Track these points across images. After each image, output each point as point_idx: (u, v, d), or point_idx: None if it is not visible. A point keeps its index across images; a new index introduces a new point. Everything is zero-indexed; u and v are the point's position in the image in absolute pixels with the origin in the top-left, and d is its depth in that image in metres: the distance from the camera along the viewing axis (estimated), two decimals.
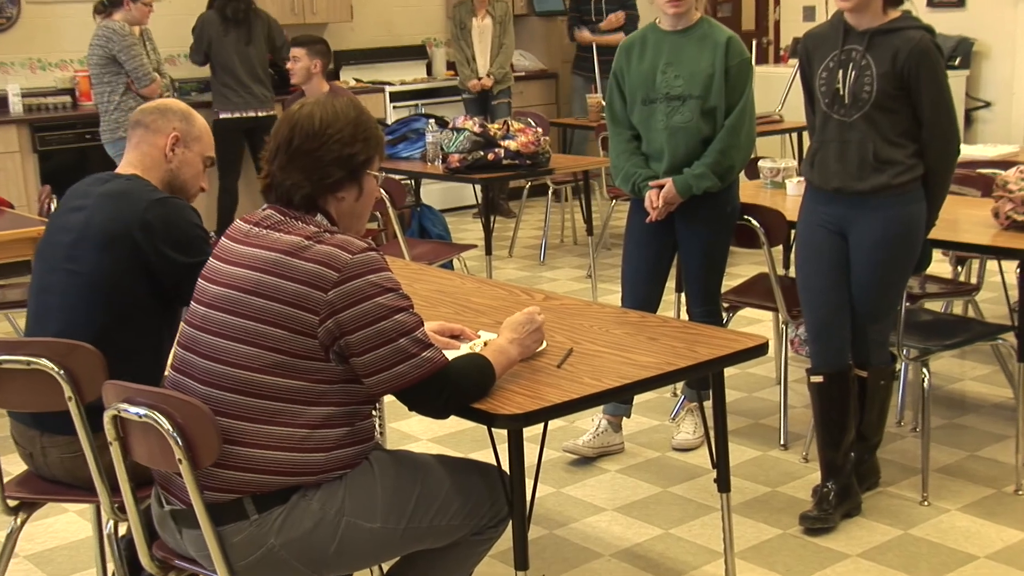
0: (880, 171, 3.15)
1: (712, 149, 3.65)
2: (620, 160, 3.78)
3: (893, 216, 3.16)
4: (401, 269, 3.32)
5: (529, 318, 2.40)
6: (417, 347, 2.12)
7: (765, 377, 4.64)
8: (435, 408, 2.16)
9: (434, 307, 2.89)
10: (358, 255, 2.12)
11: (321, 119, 2.19)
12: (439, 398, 2.14)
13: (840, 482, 3.36)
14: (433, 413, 2.18)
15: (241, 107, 7.11)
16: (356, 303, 2.09)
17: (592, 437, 3.88)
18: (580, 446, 3.87)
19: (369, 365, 2.11)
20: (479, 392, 2.21)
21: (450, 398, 2.15)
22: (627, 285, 3.83)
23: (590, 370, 2.37)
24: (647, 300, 3.76)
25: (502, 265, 6.85)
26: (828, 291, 3.26)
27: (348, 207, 2.25)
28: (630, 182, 3.75)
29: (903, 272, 3.24)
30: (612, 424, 3.92)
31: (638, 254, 3.80)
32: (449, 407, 2.16)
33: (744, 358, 2.52)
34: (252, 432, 2.13)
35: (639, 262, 3.80)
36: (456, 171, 5.22)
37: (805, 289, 3.33)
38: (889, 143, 3.14)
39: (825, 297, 3.27)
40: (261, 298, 2.12)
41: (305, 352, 2.11)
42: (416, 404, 2.17)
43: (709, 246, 3.75)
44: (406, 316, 2.13)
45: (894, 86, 3.09)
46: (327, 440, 2.16)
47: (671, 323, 2.74)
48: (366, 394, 2.18)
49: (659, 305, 3.83)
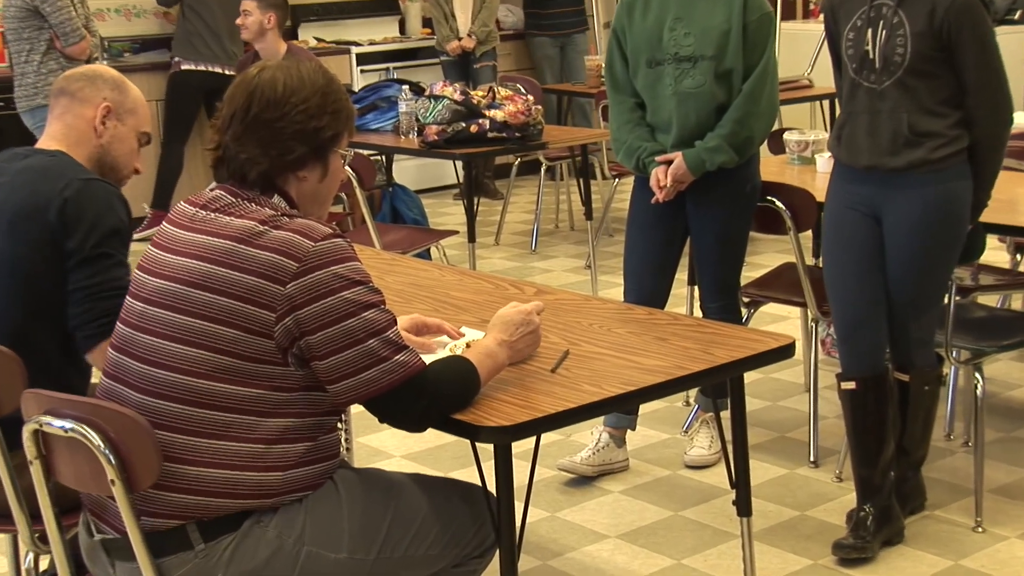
0: (916, 145, 3.16)
1: (728, 118, 3.66)
2: (622, 132, 3.79)
3: (932, 195, 3.18)
4: (370, 259, 3.32)
5: (525, 318, 2.40)
6: (389, 349, 2.13)
7: (792, 383, 4.66)
8: (410, 419, 2.17)
9: (408, 303, 2.89)
10: (321, 243, 2.13)
11: (285, 85, 2.20)
12: (415, 408, 2.15)
13: (879, 505, 3.38)
14: (408, 425, 2.19)
15: (209, 59, 7.06)
16: (319, 298, 2.10)
17: (592, 453, 3.90)
18: (578, 464, 3.88)
19: (333, 370, 2.13)
20: (461, 401, 2.22)
21: (428, 408, 2.16)
22: (630, 277, 3.84)
23: (589, 375, 2.38)
24: (654, 294, 3.77)
25: (487, 254, 6.85)
26: (860, 282, 3.29)
27: (310, 188, 2.26)
28: (633, 157, 3.77)
29: (946, 259, 3.26)
30: (615, 438, 3.94)
31: (643, 241, 3.82)
32: (426, 418, 2.18)
33: (767, 361, 2.53)
34: (198, 448, 2.14)
35: (644, 250, 3.81)
36: (434, 145, 5.23)
37: (833, 280, 3.35)
38: (926, 113, 3.15)
39: (857, 289, 3.29)
40: (209, 292, 2.13)
41: (260, 355, 2.12)
42: (388, 415, 2.18)
43: (725, 231, 3.77)
44: (376, 313, 2.14)
45: (931, 47, 3.10)
46: (285, 457, 2.17)
47: (683, 320, 2.75)
48: (330, 404, 2.19)
49: (667, 300, 3.84)
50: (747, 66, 3.64)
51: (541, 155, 6.78)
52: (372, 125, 5.79)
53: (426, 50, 8.25)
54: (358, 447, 4.14)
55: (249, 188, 2.22)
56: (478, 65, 7.86)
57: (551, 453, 4.06)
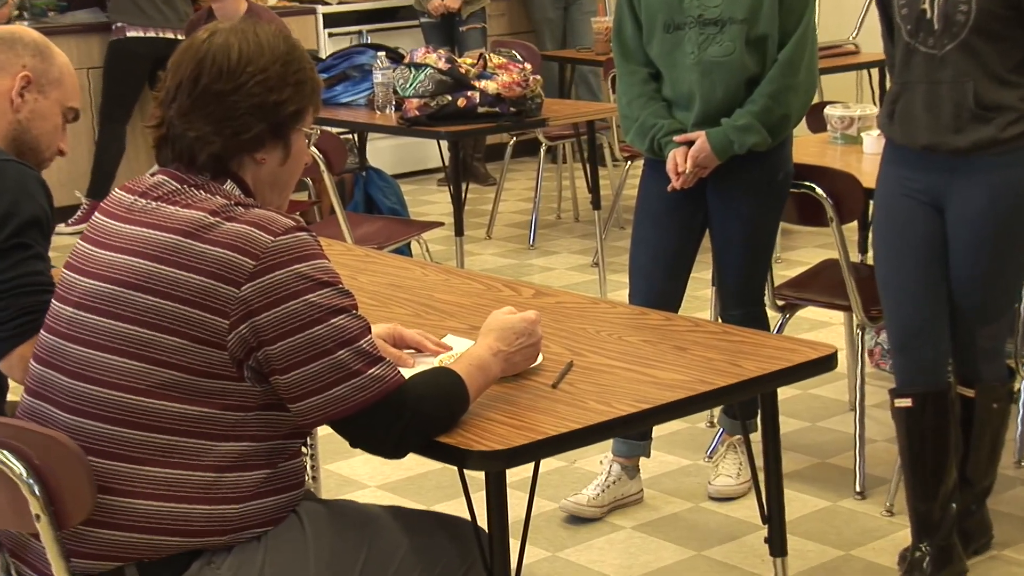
0: (984, 121, 3.16)
1: (761, 92, 3.67)
2: (632, 107, 3.79)
3: (1003, 181, 3.19)
4: (341, 255, 3.32)
5: (528, 326, 2.38)
6: (361, 361, 2.13)
7: (834, 401, 4.66)
8: (387, 444, 2.18)
9: (385, 306, 2.89)
10: (282, 237, 2.13)
11: (240, 52, 2.19)
12: (392, 430, 2.15)
13: (938, 543, 3.39)
14: (384, 450, 2.19)
15: (159, 23, 7.02)
16: (279, 302, 2.10)
17: (600, 491, 3.89)
18: (584, 506, 3.87)
19: (296, 385, 2.13)
20: (446, 421, 2.22)
21: (407, 430, 2.16)
22: (638, 277, 3.84)
23: (596, 391, 2.38)
24: (665, 296, 3.76)
25: (478, 249, 6.85)
26: (919, 283, 3.29)
27: (269, 173, 2.26)
28: (647, 137, 3.77)
29: (1019, 257, 3.27)
30: (627, 469, 3.94)
31: (655, 235, 3.81)
32: (405, 442, 2.17)
33: (805, 375, 2.53)
34: (138, 477, 2.13)
35: (655, 245, 3.81)
36: (415, 122, 5.23)
37: (887, 281, 3.35)
38: (996, 82, 3.15)
39: (915, 291, 3.29)
40: (150, 295, 2.13)
41: (211, 368, 2.12)
42: (361, 438, 2.18)
43: (752, 227, 3.78)
44: (347, 319, 2.14)
45: (1001, 3, 3.10)
46: (241, 486, 2.17)
47: (706, 327, 2.75)
48: (293, 425, 2.20)
49: (680, 304, 3.85)
50: (783, 31, 3.65)
51: (540, 134, 6.77)
52: (342, 98, 5.79)
53: (405, 10, 8.25)
54: (326, 475, 4.14)
55: (197, 172, 2.22)
56: (465, 28, 7.86)
57: (552, 482, 4.06)
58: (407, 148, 8.31)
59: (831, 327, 5.30)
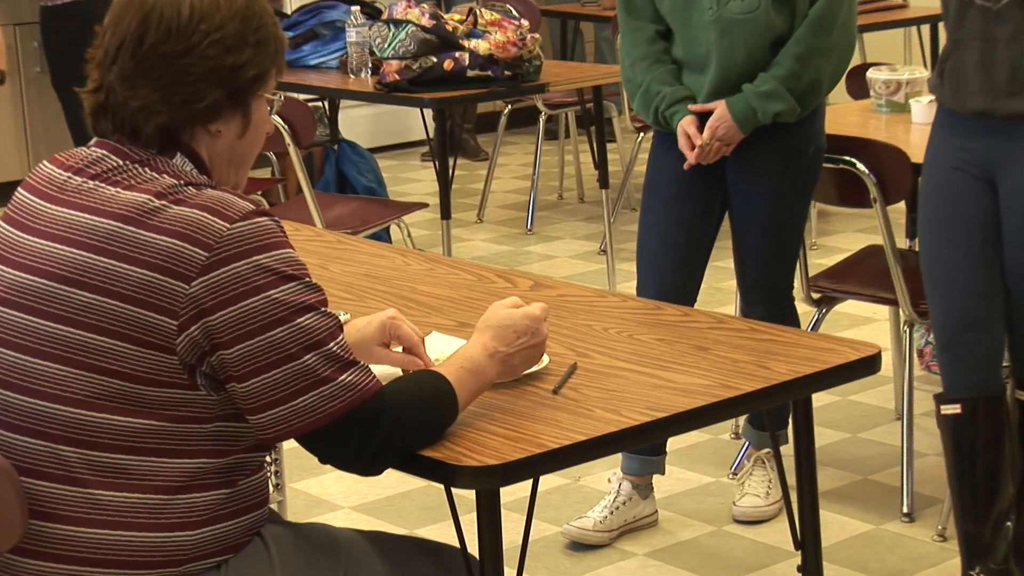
0: None
1: (787, 54, 3.67)
2: (636, 71, 3.80)
3: None
4: (309, 242, 3.33)
5: (532, 324, 2.36)
6: (331, 366, 2.13)
7: (878, 408, 4.67)
8: (361, 459, 2.17)
9: (360, 300, 2.89)
10: (240, 223, 2.12)
11: (192, 7, 2.19)
12: (368, 444, 2.14)
13: (992, 569, 3.39)
14: (358, 467, 2.19)
15: None
16: (235, 299, 2.10)
17: (608, 513, 3.89)
18: (589, 531, 3.88)
19: (256, 395, 2.12)
20: (430, 433, 2.21)
21: (385, 444, 2.15)
22: (646, 267, 3.86)
23: (604, 397, 2.39)
24: (677, 291, 3.77)
25: (468, 235, 6.86)
26: (969, 269, 3.28)
27: (226, 146, 2.26)
28: (651, 106, 3.77)
29: None
30: (638, 488, 3.95)
31: (665, 219, 3.82)
32: (382, 457, 2.17)
33: (845, 378, 2.53)
34: (78, 500, 2.13)
35: (666, 231, 3.81)
36: (395, 88, 5.23)
37: (932, 267, 3.35)
38: None
39: (964, 279, 3.29)
40: (87, 291, 2.13)
41: (158, 375, 2.12)
42: (332, 453, 2.18)
43: (778, 210, 3.78)
44: (315, 319, 2.13)
45: None
46: (196, 509, 2.17)
47: (730, 323, 2.75)
48: (254, 439, 2.20)
49: (695, 298, 3.85)
50: None
51: (539, 101, 6.77)
52: (311, 60, 5.79)
53: None
54: (292, 495, 4.14)
55: (143, 146, 2.21)
56: None
57: (553, 503, 4.06)
58: (385, 118, 8.32)
59: (874, 324, 5.30)
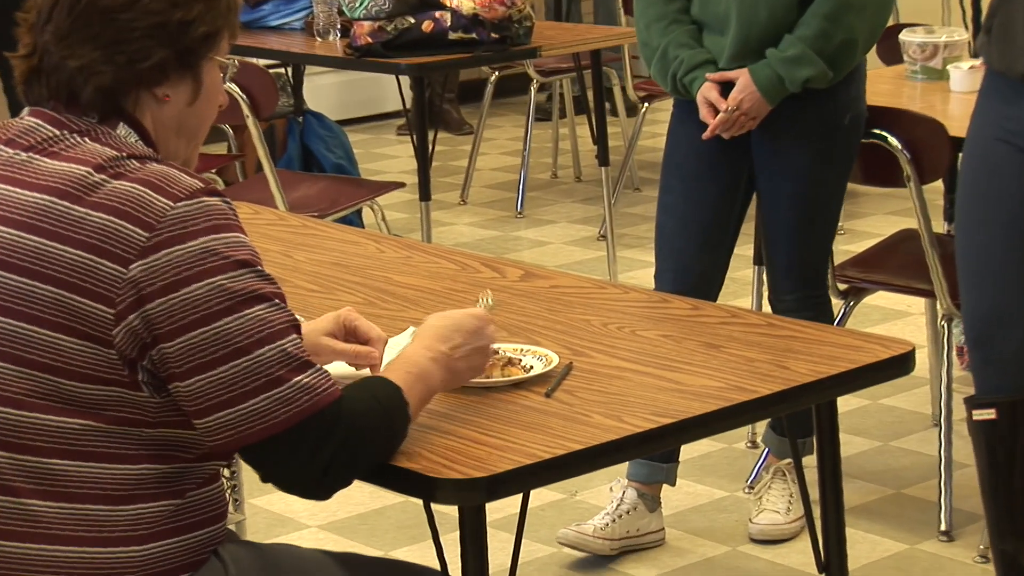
0: None
1: (814, 12, 3.68)
2: (651, 33, 3.81)
3: None
4: (270, 227, 3.32)
5: (476, 324, 2.37)
6: (285, 365, 2.12)
7: (913, 413, 4.67)
8: (309, 478, 2.14)
9: (328, 292, 2.89)
10: (185, 201, 2.12)
11: None
12: (316, 459, 2.12)
13: None
14: (304, 484, 2.16)
15: None
16: (178, 285, 2.09)
17: (609, 520, 3.91)
18: (589, 537, 3.90)
19: (200, 395, 2.11)
20: (385, 444, 2.20)
21: (335, 459, 2.13)
22: (666, 252, 3.87)
23: (603, 401, 2.39)
24: (701, 278, 3.78)
25: (450, 218, 6.85)
26: (1005, 254, 3.27)
27: (175, 115, 2.26)
28: (669, 72, 3.78)
29: None
30: (644, 498, 3.95)
31: (687, 199, 3.83)
32: (333, 477, 2.15)
33: (875, 379, 2.54)
34: (10, 511, 2.13)
35: (688, 212, 3.83)
36: (367, 52, 5.22)
37: (966, 251, 3.33)
38: None
39: (998, 265, 3.28)
40: (15, 273, 2.13)
41: (95, 370, 2.12)
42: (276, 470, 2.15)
43: (811, 187, 3.79)
44: (268, 311, 2.13)
45: None
46: (142, 521, 2.17)
47: (745, 317, 2.75)
48: (205, 446, 2.19)
49: (721, 287, 3.86)
50: None
51: (531, 67, 6.76)
52: (272, 21, 5.78)
53: None
54: (253, 513, 4.13)
55: (81, 114, 2.22)
56: None
57: (546, 520, 4.07)
58: (356, 86, 8.31)
59: (908, 318, 5.31)
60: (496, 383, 2.44)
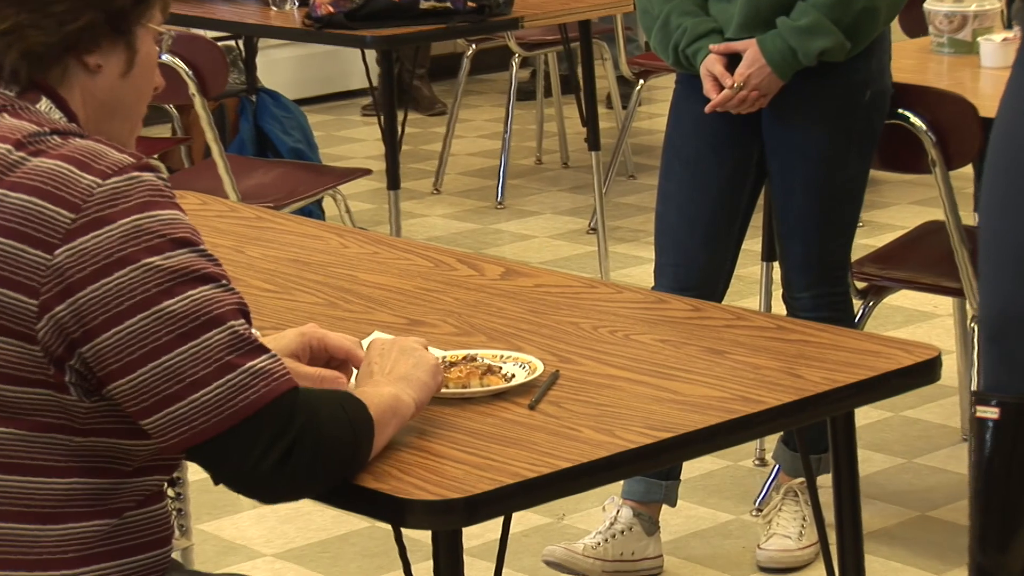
0: None
1: None
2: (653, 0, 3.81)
3: None
4: (220, 220, 3.33)
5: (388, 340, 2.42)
6: (236, 350, 2.11)
7: (940, 427, 4.68)
8: (266, 475, 2.12)
9: (286, 294, 2.89)
10: (114, 178, 2.11)
11: None
12: (274, 451, 2.10)
13: None
14: (263, 486, 2.14)
15: None
16: (109, 269, 2.08)
17: (602, 540, 3.93)
18: (579, 556, 3.91)
19: (144, 392, 2.10)
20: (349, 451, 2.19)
21: (295, 451, 2.11)
22: (666, 246, 3.88)
23: (593, 414, 2.39)
24: (705, 274, 3.81)
25: (422, 209, 6.85)
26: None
27: (107, 87, 2.26)
28: (671, 42, 3.79)
29: None
30: (641, 518, 3.96)
31: (689, 185, 3.85)
32: (293, 472, 2.13)
33: (898, 389, 2.56)
34: None
35: (691, 199, 3.85)
36: (328, 23, 5.22)
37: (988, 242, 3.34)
38: None
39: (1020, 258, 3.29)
40: None
41: (17, 369, 2.12)
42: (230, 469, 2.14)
43: (828, 172, 3.80)
44: (213, 291, 2.12)
45: None
46: (72, 542, 2.16)
47: (752, 319, 2.76)
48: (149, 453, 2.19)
49: (728, 285, 3.88)
50: None
51: (512, 40, 6.76)
52: None
53: None
54: (201, 539, 4.12)
55: (2, 86, 2.22)
56: None
57: (530, 547, 4.07)
58: (316, 62, 8.32)
59: (935, 320, 5.31)
60: (474, 394, 2.44)
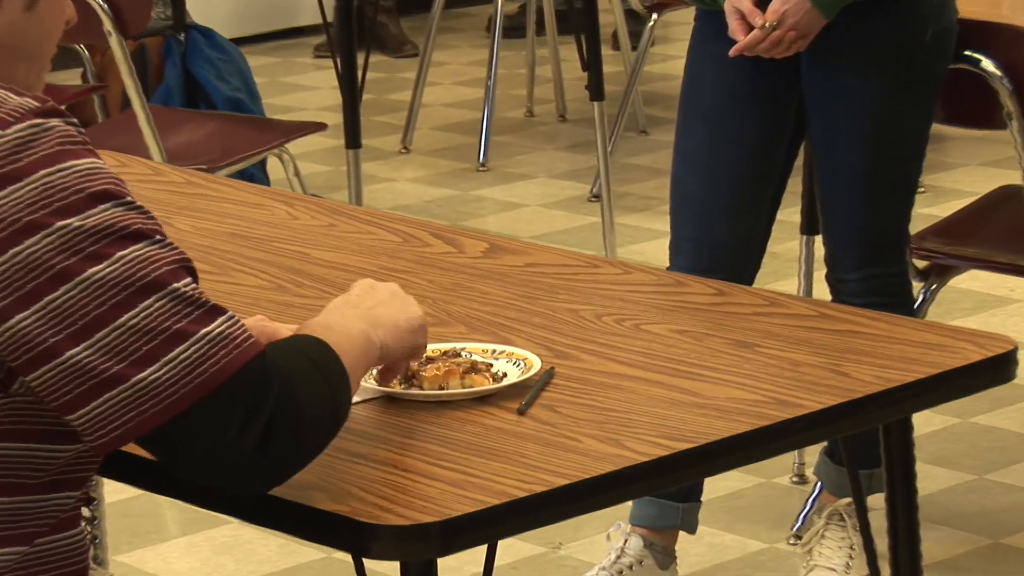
0: None
1: None
2: None
3: None
4: (142, 184, 3.34)
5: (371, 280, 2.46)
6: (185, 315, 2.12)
7: (1017, 436, 4.72)
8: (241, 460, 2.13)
9: (224, 275, 2.93)
10: (18, 127, 2.13)
11: None
12: (250, 430, 2.11)
13: None
14: (240, 474, 2.16)
15: None
16: (17, 236, 2.10)
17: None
18: None
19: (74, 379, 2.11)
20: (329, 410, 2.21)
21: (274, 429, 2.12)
22: (685, 217, 3.91)
23: (596, 420, 2.40)
24: (731, 253, 3.85)
25: (388, 172, 6.89)
26: None
27: (8, 23, 2.26)
28: None
29: None
30: (654, 548, 3.98)
31: (713, 145, 3.88)
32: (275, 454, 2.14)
33: (965, 390, 2.56)
34: None
35: (715, 163, 3.87)
36: None
37: None
38: None
39: None
40: None
41: None
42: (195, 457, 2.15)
43: (883, 127, 3.82)
44: (147, 249, 2.14)
45: None
46: None
47: (787, 305, 2.78)
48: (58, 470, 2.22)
49: (759, 265, 3.91)
50: None
51: None
52: None
53: None
54: (123, 572, 4.17)
55: None
56: None
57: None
58: None
59: (1011, 306, 5.35)
60: (453, 396, 2.46)
